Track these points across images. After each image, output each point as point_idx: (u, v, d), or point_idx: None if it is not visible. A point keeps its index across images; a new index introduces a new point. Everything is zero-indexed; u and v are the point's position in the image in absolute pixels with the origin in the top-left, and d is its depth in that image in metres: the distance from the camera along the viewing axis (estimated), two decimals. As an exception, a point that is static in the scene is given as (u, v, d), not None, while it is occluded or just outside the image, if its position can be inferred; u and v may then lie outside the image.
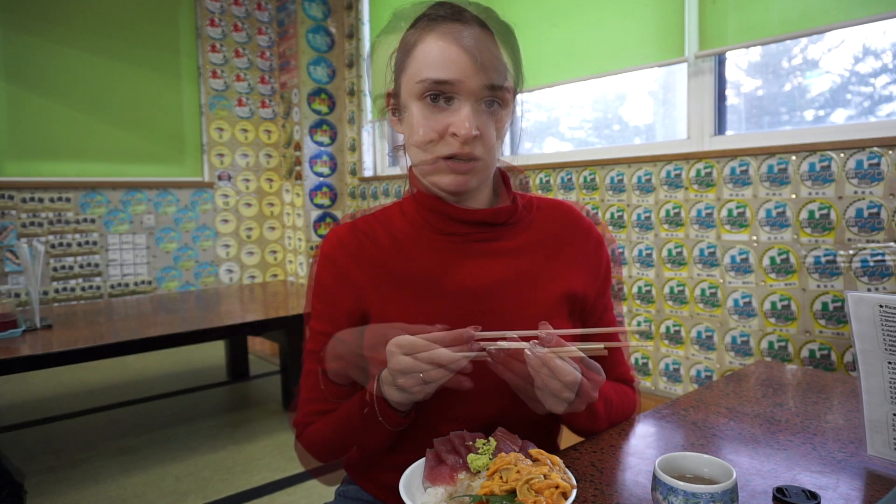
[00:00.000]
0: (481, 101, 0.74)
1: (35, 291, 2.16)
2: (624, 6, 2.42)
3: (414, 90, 0.74)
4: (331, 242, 0.83)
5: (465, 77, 0.71)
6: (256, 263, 4.34)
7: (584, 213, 0.91)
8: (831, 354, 1.89)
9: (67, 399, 2.97)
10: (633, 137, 2.67)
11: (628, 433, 0.85)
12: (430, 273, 0.79)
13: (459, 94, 0.72)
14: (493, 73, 0.72)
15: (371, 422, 0.73)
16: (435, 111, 0.74)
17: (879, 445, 0.73)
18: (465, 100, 0.72)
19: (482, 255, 0.81)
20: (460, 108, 0.72)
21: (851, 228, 1.82)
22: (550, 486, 0.55)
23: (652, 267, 2.35)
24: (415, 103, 0.75)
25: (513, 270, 0.81)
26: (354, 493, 0.88)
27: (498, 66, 0.73)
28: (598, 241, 0.88)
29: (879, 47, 1.93)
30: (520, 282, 0.80)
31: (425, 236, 0.82)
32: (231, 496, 1.95)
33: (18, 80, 3.45)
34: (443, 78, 0.71)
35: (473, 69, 0.71)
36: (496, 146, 0.77)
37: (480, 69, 0.71)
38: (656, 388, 2.37)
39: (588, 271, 0.86)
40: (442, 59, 0.71)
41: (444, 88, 0.72)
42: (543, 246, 0.84)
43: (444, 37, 0.72)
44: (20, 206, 3.45)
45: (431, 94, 0.73)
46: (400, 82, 0.78)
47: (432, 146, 0.75)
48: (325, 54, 4.03)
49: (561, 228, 0.87)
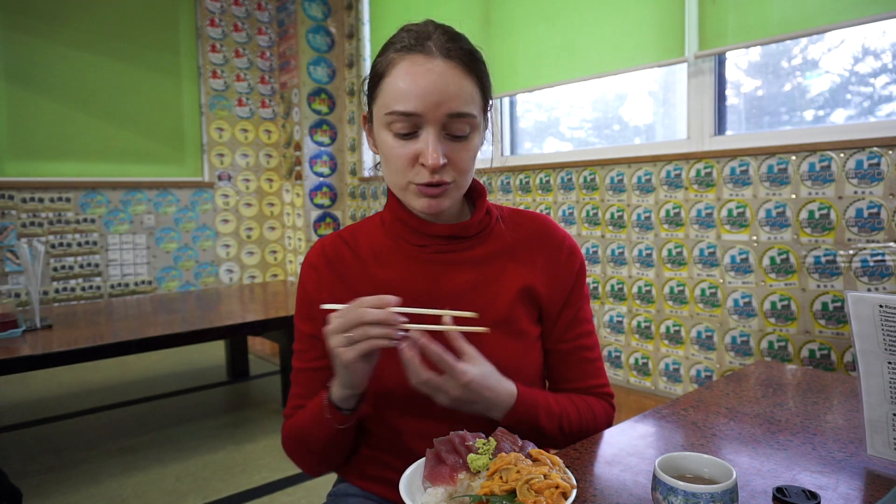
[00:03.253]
0: (448, 130, 0.77)
1: (35, 291, 2.16)
2: (624, 6, 2.42)
3: (382, 121, 0.78)
4: (315, 251, 0.90)
5: (427, 109, 0.74)
6: (256, 263, 4.34)
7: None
8: (831, 354, 1.89)
9: (67, 399, 2.97)
10: (633, 137, 2.67)
11: (628, 433, 0.85)
12: (401, 282, 0.85)
13: (424, 125, 0.75)
14: (457, 103, 0.75)
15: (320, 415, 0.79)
16: (403, 141, 0.77)
17: (879, 445, 0.73)
18: (431, 129, 0.75)
19: (450, 264, 0.86)
20: (427, 138, 0.76)
21: (851, 228, 1.82)
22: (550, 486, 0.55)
23: (652, 267, 2.35)
24: (384, 132, 0.78)
25: (477, 276, 0.85)
26: (345, 491, 0.90)
27: (462, 95, 0.75)
28: (571, 251, 0.90)
29: (879, 47, 1.93)
30: (482, 286, 0.85)
31: (399, 247, 0.87)
32: (231, 496, 1.95)
33: (19, 81, 3.45)
34: (407, 111, 0.74)
35: (436, 101, 0.74)
36: (470, 169, 0.81)
37: (444, 101, 0.74)
38: (656, 388, 2.37)
39: (555, 278, 0.88)
40: (406, 93, 0.74)
41: (409, 121, 0.75)
42: (509, 252, 0.87)
43: (408, 70, 0.75)
44: (20, 206, 3.45)
45: (399, 128, 0.76)
46: (371, 109, 0.82)
47: (404, 173, 0.78)
48: (325, 54, 4.03)
49: (531, 238, 0.89)
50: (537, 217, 0.92)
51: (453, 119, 0.76)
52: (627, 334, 2.46)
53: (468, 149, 0.79)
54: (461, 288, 0.84)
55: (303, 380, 0.89)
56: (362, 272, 0.87)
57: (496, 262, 0.86)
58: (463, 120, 0.76)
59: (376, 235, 0.90)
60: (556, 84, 2.73)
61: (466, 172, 0.80)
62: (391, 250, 0.87)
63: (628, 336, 2.45)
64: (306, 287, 0.89)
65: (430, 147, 0.75)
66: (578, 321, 0.89)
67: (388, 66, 0.77)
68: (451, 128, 0.76)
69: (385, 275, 0.86)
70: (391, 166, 0.79)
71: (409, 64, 0.75)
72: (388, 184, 0.84)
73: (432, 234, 0.85)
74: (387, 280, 0.85)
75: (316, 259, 0.89)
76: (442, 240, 0.86)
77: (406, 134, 0.77)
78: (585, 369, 0.90)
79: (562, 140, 2.98)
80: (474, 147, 0.81)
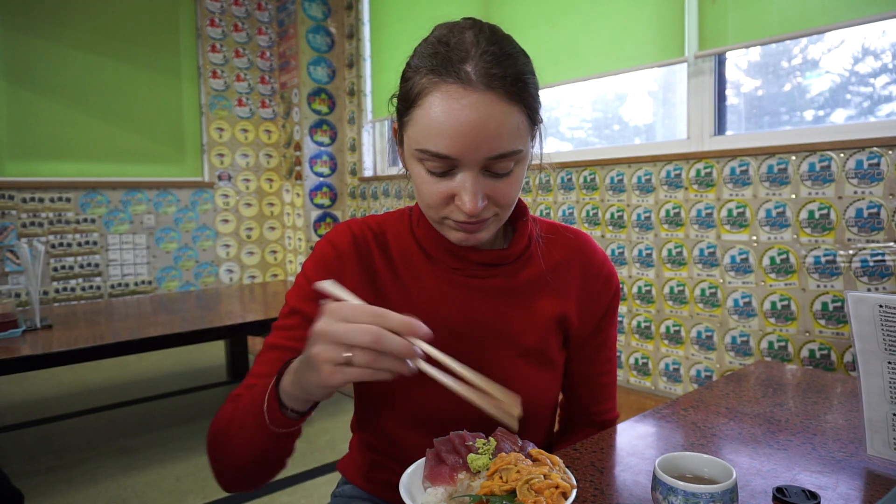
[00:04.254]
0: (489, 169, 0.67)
1: (35, 291, 2.16)
2: (624, 6, 2.42)
3: (414, 154, 0.68)
4: (341, 233, 0.79)
5: (464, 152, 0.64)
6: (256, 263, 4.34)
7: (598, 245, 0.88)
8: (831, 354, 1.89)
9: (67, 399, 2.97)
10: (633, 137, 2.67)
11: (628, 433, 0.85)
12: (434, 303, 0.77)
13: (461, 167, 0.66)
14: (498, 143, 0.64)
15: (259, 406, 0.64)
16: (438, 178, 0.68)
17: (879, 445, 0.73)
18: (468, 173, 0.66)
19: (486, 291, 0.79)
20: (464, 181, 0.66)
21: (851, 228, 1.82)
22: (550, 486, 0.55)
23: (652, 267, 2.35)
24: (416, 164, 0.69)
25: (512, 306, 0.79)
26: (350, 493, 0.89)
27: (504, 133, 0.64)
28: (608, 278, 0.85)
29: (879, 47, 1.93)
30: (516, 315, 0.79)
31: (433, 264, 0.79)
32: (231, 496, 1.95)
33: (19, 81, 3.45)
34: (441, 153, 0.65)
35: (475, 143, 0.64)
36: (514, 201, 0.72)
37: (483, 143, 0.64)
38: (656, 388, 2.37)
39: (588, 306, 0.83)
40: (439, 132, 0.64)
41: (443, 162, 0.66)
42: (546, 280, 0.81)
43: (441, 104, 0.64)
44: (20, 206, 3.44)
45: (431, 165, 0.67)
46: (403, 133, 0.71)
47: (437, 209, 0.70)
48: (325, 54, 4.03)
49: (568, 261, 0.83)
50: (576, 237, 0.85)
51: (494, 161, 0.66)
52: (627, 334, 2.45)
53: (512, 183, 0.69)
54: (494, 317, 0.78)
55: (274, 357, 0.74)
56: (395, 280, 0.78)
57: (532, 290, 0.80)
58: (506, 160, 0.66)
59: (406, 240, 0.81)
60: (557, 84, 2.73)
61: (510, 205, 0.72)
62: (423, 264, 0.79)
63: (628, 336, 2.45)
64: (319, 267, 0.77)
65: (469, 193, 0.66)
66: (604, 348, 0.86)
67: (419, 92, 0.66)
68: (492, 167, 0.67)
69: (418, 290, 0.78)
70: (424, 200, 0.70)
71: (444, 97, 0.64)
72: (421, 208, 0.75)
73: (471, 260, 0.78)
74: (420, 297, 0.77)
75: (341, 241, 0.78)
76: (480, 265, 0.78)
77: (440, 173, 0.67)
78: (598, 394, 0.88)
79: (562, 140, 2.98)
80: (519, 179, 0.71)
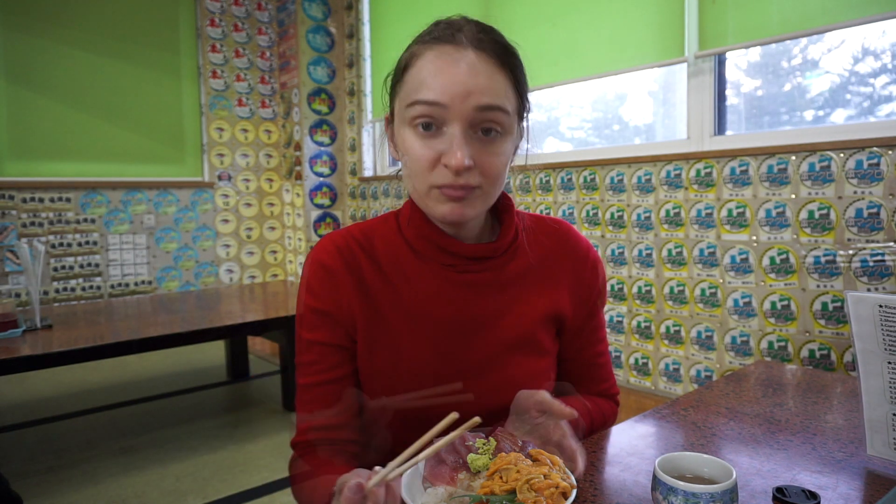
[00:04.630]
0: (477, 128, 0.69)
1: (35, 291, 2.16)
2: (624, 6, 2.42)
3: (405, 116, 0.71)
4: (327, 250, 0.79)
5: (454, 100, 0.67)
6: (256, 263, 4.34)
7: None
8: (831, 354, 1.89)
9: (67, 399, 2.97)
10: (633, 137, 2.67)
11: (628, 433, 0.85)
12: (429, 304, 0.78)
13: (450, 120, 0.68)
14: (487, 95, 0.68)
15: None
16: (426, 138, 0.70)
17: (879, 445, 0.73)
18: (457, 125, 0.68)
19: (477, 287, 0.80)
20: (452, 135, 0.68)
21: (851, 228, 1.82)
22: (550, 486, 0.55)
23: (652, 267, 2.35)
24: (406, 130, 0.71)
25: (504, 299, 0.80)
26: None
27: (492, 87, 0.68)
28: (594, 263, 0.87)
29: (879, 47, 1.93)
30: (508, 309, 0.80)
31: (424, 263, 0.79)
32: (231, 496, 1.95)
33: (19, 80, 3.45)
34: (430, 99, 0.68)
35: (464, 92, 0.67)
36: (500, 176, 0.73)
37: (472, 92, 0.67)
38: (656, 388, 2.37)
39: (579, 295, 0.85)
40: (430, 82, 0.68)
41: (432, 112, 0.68)
42: (535, 271, 0.83)
43: (434, 60, 0.69)
44: (20, 206, 3.44)
45: (422, 121, 0.69)
46: (393, 107, 0.75)
47: (425, 175, 0.71)
48: (325, 54, 4.03)
49: (555, 252, 0.85)
50: (560, 227, 0.87)
51: (482, 112, 0.68)
52: (627, 334, 2.45)
53: (498, 153, 0.71)
54: (488, 312, 0.79)
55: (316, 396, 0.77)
56: (385, 285, 0.78)
57: (522, 283, 0.82)
58: (493, 114, 0.69)
59: (395, 241, 0.81)
60: (557, 84, 2.73)
61: (495, 179, 0.72)
62: (413, 263, 0.79)
63: (628, 336, 2.45)
64: (315, 291, 0.77)
65: (455, 145, 0.67)
66: (597, 329, 0.88)
67: (412, 57, 0.72)
68: (479, 124, 0.69)
69: (411, 293, 0.78)
70: (412, 168, 0.72)
71: (437, 54, 0.69)
72: (409, 191, 0.76)
73: (460, 254, 0.78)
74: (410, 297, 0.78)
75: (329, 259, 0.78)
76: (469, 260, 0.79)
77: (428, 126, 0.69)
78: (597, 374, 0.90)
79: (562, 140, 2.98)
80: (505, 152, 0.72)
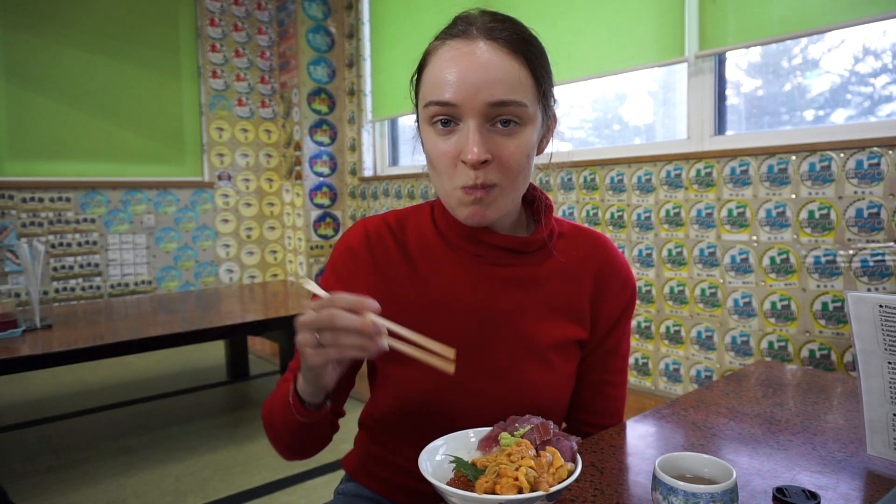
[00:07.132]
0: (494, 121, 0.68)
1: (35, 291, 2.16)
2: (624, 6, 2.42)
3: (423, 116, 0.72)
4: (357, 234, 0.81)
5: (465, 98, 0.67)
6: (256, 263, 4.34)
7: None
8: (831, 354, 1.89)
9: (67, 399, 2.97)
10: (633, 137, 2.67)
11: (628, 433, 0.85)
12: (453, 292, 0.77)
13: (464, 116, 0.68)
14: (499, 89, 0.67)
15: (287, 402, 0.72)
16: (444, 135, 0.70)
17: (879, 445, 0.73)
18: (471, 120, 0.67)
19: (505, 281, 0.78)
20: (467, 130, 0.68)
21: (851, 228, 1.82)
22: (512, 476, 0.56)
23: (652, 267, 2.35)
24: (427, 129, 0.72)
25: (531, 298, 0.79)
26: (354, 491, 0.88)
27: (505, 80, 0.67)
28: (625, 282, 0.84)
29: (879, 47, 1.93)
30: (534, 309, 0.78)
31: (453, 251, 0.79)
32: (231, 496, 1.95)
33: (18, 80, 3.45)
34: (441, 100, 0.68)
35: (475, 87, 0.66)
36: (522, 169, 0.71)
37: (483, 87, 0.66)
38: (656, 388, 2.37)
39: (602, 306, 0.83)
40: (442, 81, 0.68)
41: (447, 111, 0.68)
42: (564, 275, 0.81)
43: (445, 57, 0.69)
44: (20, 206, 3.44)
45: (439, 119, 0.69)
46: (417, 105, 0.76)
47: (449, 175, 0.71)
48: (325, 54, 4.03)
49: (587, 259, 0.83)
50: (597, 238, 0.85)
51: (496, 108, 0.67)
52: (627, 334, 2.45)
53: (517, 144, 0.69)
54: (513, 308, 0.78)
55: None
56: (411, 272, 0.79)
57: (551, 285, 0.80)
58: (508, 109, 0.67)
59: (426, 229, 0.81)
60: (557, 84, 2.72)
61: (516, 174, 0.71)
62: (443, 252, 0.79)
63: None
64: (339, 272, 0.79)
65: (470, 139, 0.67)
66: (614, 355, 0.85)
67: (428, 55, 0.72)
68: (496, 117, 0.68)
69: (437, 281, 0.78)
70: (435, 169, 0.72)
71: (448, 50, 0.69)
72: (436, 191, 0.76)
73: (490, 244, 0.77)
74: (436, 285, 0.78)
75: (356, 243, 0.80)
76: (500, 251, 0.78)
77: (446, 122, 0.69)
78: (601, 405, 0.86)
79: (562, 140, 2.98)
80: (526, 143, 0.70)
